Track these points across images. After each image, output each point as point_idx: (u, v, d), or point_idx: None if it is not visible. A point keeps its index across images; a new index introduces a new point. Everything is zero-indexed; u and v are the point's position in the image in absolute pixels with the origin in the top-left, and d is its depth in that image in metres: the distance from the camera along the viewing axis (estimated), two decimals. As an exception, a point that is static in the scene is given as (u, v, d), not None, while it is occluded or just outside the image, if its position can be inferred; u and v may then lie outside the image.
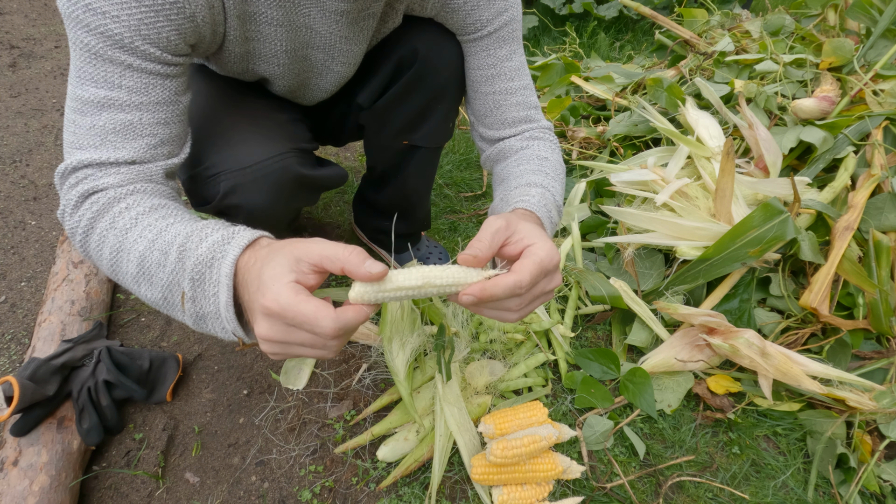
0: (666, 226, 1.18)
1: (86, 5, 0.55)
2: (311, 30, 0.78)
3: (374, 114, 0.99)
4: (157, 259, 0.57)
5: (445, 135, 1.05)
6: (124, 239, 0.58)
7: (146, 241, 0.57)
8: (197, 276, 0.55)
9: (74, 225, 0.60)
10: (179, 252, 0.56)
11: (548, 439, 0.88)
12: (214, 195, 0.79)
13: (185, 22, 0.62)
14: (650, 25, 2.76)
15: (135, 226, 0.59)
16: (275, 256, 0.51)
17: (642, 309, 1.18)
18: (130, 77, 0.60)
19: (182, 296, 0.56)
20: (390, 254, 1.37)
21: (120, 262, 0.59)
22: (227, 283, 0.53)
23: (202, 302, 0.55)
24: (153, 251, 0.57)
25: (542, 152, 0.85)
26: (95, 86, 0.60)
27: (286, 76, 0.85)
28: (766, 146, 1.23)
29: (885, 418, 1.00)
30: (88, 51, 0.58)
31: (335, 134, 1.15)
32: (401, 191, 1.16)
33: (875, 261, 1.11)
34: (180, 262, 0.56)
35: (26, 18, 2.52)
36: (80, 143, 0.61)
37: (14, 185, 1.57)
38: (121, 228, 0.59)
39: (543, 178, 0.79)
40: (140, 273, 0.58)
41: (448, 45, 0.89)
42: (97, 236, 0.60)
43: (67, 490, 0.86)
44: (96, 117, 0.60)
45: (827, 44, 1.39)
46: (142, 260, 0.57)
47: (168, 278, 0.57)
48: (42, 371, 0.91)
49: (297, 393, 1.08)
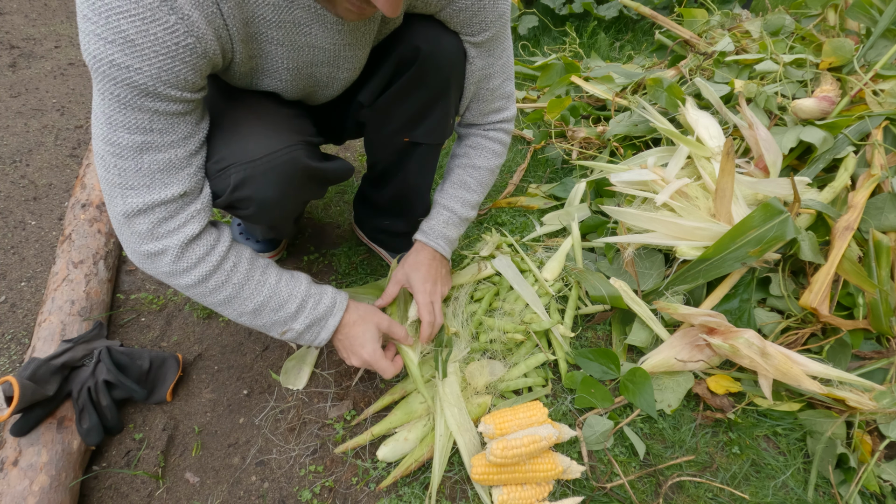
0: (666, 226, 1.18)
1: (110, 62, 0.60)
2: (314, 48, 0.79)
3: (374, 111, 0.99)
4: (274, 307, 0.85)
5: (446, 131, 1.05)
6: (240, 291, 0.82)
7: (263, 295, 0.84)
8: (311, 324, 0.89)
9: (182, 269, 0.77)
10: (297, 308, 0.87)
11: (548, 439, 0.88)
12: (225, 188, 0.80)
13: (199, 60, 0.66)
14: (650, 25, 2.76)
15: (248, 281, 0.83)
16: (368, 325, 0.93)
17: (642, 309, 1.18)
18: (158, 121, 0.68)
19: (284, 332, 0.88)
20: (390, 253, 1.37)
21: (232, 304, 0.83)
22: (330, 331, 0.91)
23: (306, 336, 0.90)
24: (270, 302, 0.85)
25: (478, 160, 1.07)
26: (129, 132, 0.67)
27: (291, 91, 0.87)
28: (766, 146, 1.22)
29: (885, 418, 1.00)
30: (118, 101, 0.64)
31: (336, 131, 1.16)
32: (401, 188, 1.16)
33: (875, 261, 1.11)
34: (296, 313, 0.87)
35: (26, 18, 2.52)
36: (131, 184, 0.70)
37: (14, 185, 1.57)
38: (236, 283, 0.82)
39: (462, 194, 1.08)
40: (254, 311, 0.85)
41: (449, 42, 0.90)
42: (213, 285, 0.80)
43: (67, 490, 0.86)
44: (138, 160, 0.69)
45: (827, 44, 1.39)
46: (259, 307, 0.84)
47: (278, 318, 0.86)
48: (42, 371, 0.91)
49: (297, 393, 1.08)
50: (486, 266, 1.31)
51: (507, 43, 0.97)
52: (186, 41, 0.62)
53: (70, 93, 2.03)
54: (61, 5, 2.70)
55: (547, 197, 1.64)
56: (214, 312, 1.23)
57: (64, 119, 1.88)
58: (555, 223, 1.50)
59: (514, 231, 1.51)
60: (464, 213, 1.09)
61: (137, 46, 0.59)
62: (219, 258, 0.80)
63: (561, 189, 1.61)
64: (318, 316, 0.89)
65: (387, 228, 1.30)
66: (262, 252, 1.34)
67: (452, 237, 1.10)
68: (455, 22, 0.88)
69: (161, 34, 0.60)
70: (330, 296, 0.92)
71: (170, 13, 0.59)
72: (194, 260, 0.77)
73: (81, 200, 1.35)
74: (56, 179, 1.61)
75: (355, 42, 0.83)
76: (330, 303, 0.91)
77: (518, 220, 1.55)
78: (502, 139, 1.08)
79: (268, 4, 0.69)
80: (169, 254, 0.75)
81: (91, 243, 1.24)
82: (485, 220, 1.54)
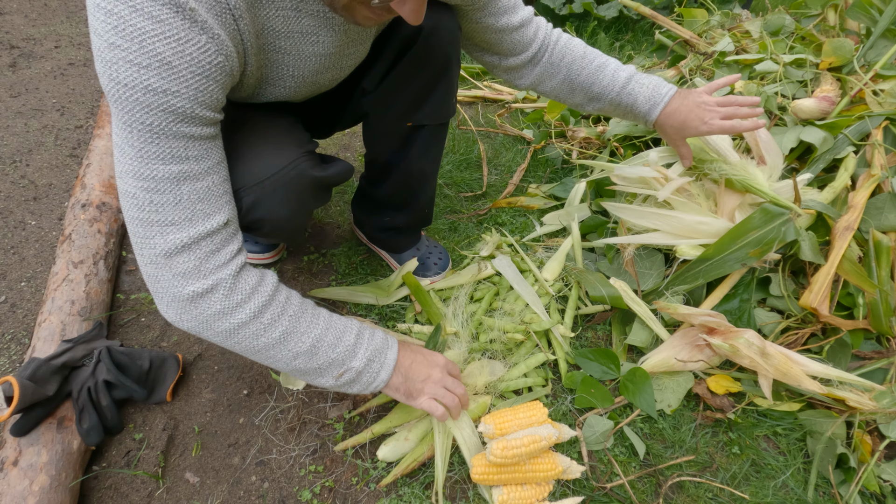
0: (667, 221, 1.17)
1: (145, 87, 0.57)
2: (320, 56, 0.79)
3: (377, 96, 0.99)
4: (332, 341, 0.79)
5: (450, 110, 1.06)
6: (297, 325, 0.76)
7: (320, 328, 0.78)
8: (371, 358, 0.82)
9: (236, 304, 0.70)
10: (356, 339, 0.81)
11: (548, 439, 0.88)
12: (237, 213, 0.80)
13: (227, 78, 0.65)
14: (650, 25, 2.76)
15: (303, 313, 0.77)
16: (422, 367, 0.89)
17: (642, 309, 1.18)
18: (194, 147, 0.64)
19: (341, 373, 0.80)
20: (390, 254, 1.36)
21: (289, 341, 0.75)
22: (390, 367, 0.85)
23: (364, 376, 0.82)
24: (328, 335, 0.78)
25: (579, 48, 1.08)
26: (164, 163, 0.62)
27: (294, 97, 0.87)
28: (766, 148, 1.22)
29: (885, 418, 1.00)
30: (150, 130, 0.60)
31: (327, 125, 1.16)
32: (404, 177, 1.15)
33: (875, 261, 1.11)
34: (355, 346, 0.81)
35: (26, 18, 2.52)
36: (171, 219, 0.65)
37: (14, 185, 1.57)
38: (292, 315, 0.76)
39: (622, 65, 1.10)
40: (311, 349, 0.77)
41: (448, 18, 0.91)
42: (268, 318, 0.73)
43: (67, 490, 0.86)
44: (177, 192, 0.64)
45: (827, 44, 1.39)
46: (316, 342, 0.77)
47: (336, 356, 0.79)
48: (42, 371, 0.91)
49: (297, 393, 1.08)
50: (486, 266, 1.31)
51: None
52: (218, 59, 0.61)
53: (70, 93, 2.03)
54: (61, 5, 2.70)
55: (547, 197, 1.64)
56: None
57: (64, 119, 1.88)
58: (555, 223, 1.50)
59: (514, 231, 1.51)
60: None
61: (175, 69, 0.57)
62: (272, 288, 0.74)
63: (561, 189, 1.61)
64: (376, 347, 0.83)
65: (387, 225, 1.29)
66: (262, 253, 1.34)
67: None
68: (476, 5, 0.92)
69: (196, 55, 0.58)
70: (381, 330, 0.89)
71: (200, 33, 0.58)
72: (248, 291, 0.71)
73: (81, 200, 1.35)
74: (56, 179, 1.61)
75: (359, 38, 0.83)
76: (383, 335, 0.87)
77: (518, 220, 1.55)
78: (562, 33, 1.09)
79: (277, 16, 0.69)
80: (221, 289, 0.68)
81: (91, 243, 1.24)
82: (485, 220, 1.55)
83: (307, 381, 0.83)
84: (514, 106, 2.11)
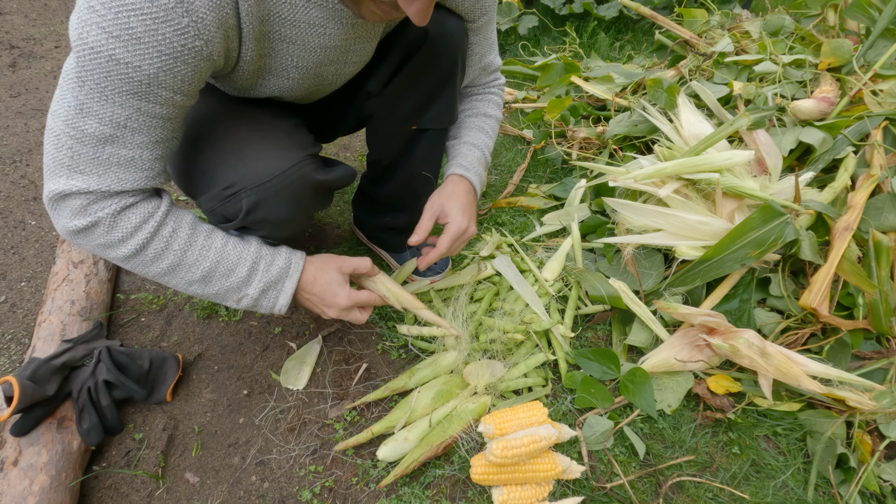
0: (668, 220, 1.17)
1: (109, 56, 0.58)
2: (325, 48, 0.79)
3: (383, 100, 1.00)
4: (223, 272, 0.80)
5: (453, 115, 1.07)
6: (183, 258, 0.77)
7: (210, 260, 0.79)
8: (266, 288, 0.85)
9: (117, 240, 0.72)
10: (249, 271, 0.82)
11: (548, 439, 0.88)
12: (237, 212, 0.80)
13: (202, 62, 0.64)
14: (650, 25, 2.76)
15: (190, 247, 0.78)
16: (330, 274, 0.89)
17: (642, 309, 1.18)
18: (136, 120, 0.65)
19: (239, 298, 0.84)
20: (390, 254, 1.36)
21: (177, 272, 0.78)
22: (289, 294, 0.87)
23: (264, 301, 0.86)
24: (219, 267, 0.80)
25: (488, 109, 1.12)
26: (99, 122, 0.64)
27: (295, 91, 0.86)
28: (766, 150, 1.22)
29: (885, 418, 1.00)
30: (101, 92, 0.61)
31: (331, 128, 1.15)
32: (406, 179, 1.15)
33: (875, 261, 1.11)
34: (248, 277, 0.82)
35: (26, 18, 2.52)
36: (82, 168, 0.67)
37: (14, 185, 1.57)
38: (177, 249, 0.77)
39: (483, 137, 1.09)
40: (203, 279, 0.80)
41: (454, 23, 0.92)
42: (152, 253, 0.75)
43: (67, 490, 0.85)
44: (99, 150, 0.66)
45: (826, 44, 1.39)
46: (208, 273, 0.79)
47: (230, 285, 0.82)
48: (42, 371, 0.91)
49: (297, 393, 1.08)
50: (486, 266, 1.31)
51: (494, 22, 1.03)
52: (195, 44, 0.61)
53: (70, 93, 2.03)
54: (61, 5, 2.70)
55: (547, 197, 1.64)
56: (215, 312, 1.23)
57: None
58: (555, 223, 1.50)
59: (514, 231, 1.51)
60: (487, 156, 1.10)
61: (143, 45, 0.58)
62: (156, 225, 0.74)
63: (561, 189, 1.61)
64: (272, 278, 0.85)
65: (387, 226, 1.29)
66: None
67: (483, 177, 1.09)
68: (463, 8, 0.92)
69: (170, 35, 0.59)
70: (284, 256, 0.86)
71: (184, 15, 0.58)
72: (129, 229, 0.72)
73: (81, 200, 1.35)
74: (56, 179, 1.61)
75: (366, 35, 0.83)
76: (284, 264, 0.86)
77: (518, 220, 1.55)
78: (501, 94, 1.15)
79: (285, 3, 0.69)
80: (101, 225, 0.71)
81: (91, 243, 1.24)
82: (485, 220, 1.55)
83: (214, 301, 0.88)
84: (514, 106, 2.11)
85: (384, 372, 1.14)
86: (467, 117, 1.11)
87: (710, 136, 1.22)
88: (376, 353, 1.17)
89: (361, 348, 1.18)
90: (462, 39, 0.95)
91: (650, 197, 1.29)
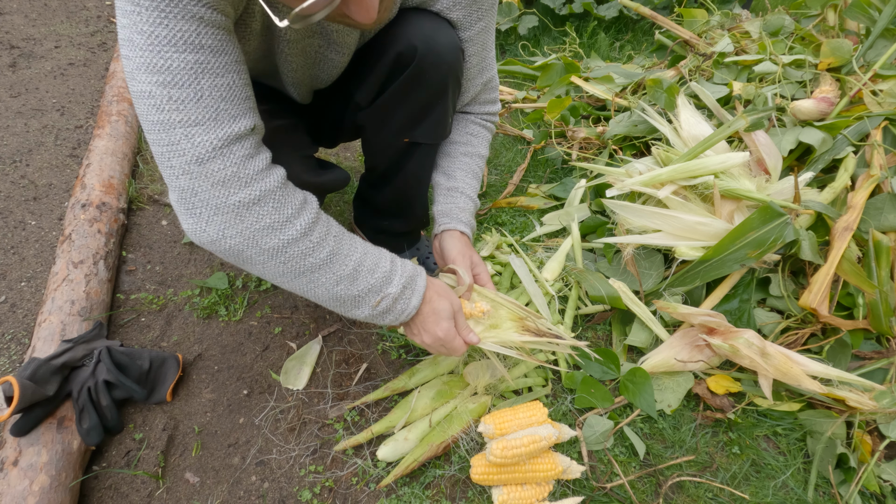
0: (667, 221, 1.17)
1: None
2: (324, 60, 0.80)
3: (373, 113, 0.99)
4: (370, 266, 0.75)
5: (446, 130, 1.05)
6: (340, 245, 0.72)
7: (359, 251, 0.75)
8: (406, 284, 0.78)
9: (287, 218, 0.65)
10: (391, 265, 0.78)
11: (548, 439, 0.88)
12: None
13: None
14: (650, 25, 2.76)
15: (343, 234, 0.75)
16: (448, 300, 0.83)
17: (641, 310, 1.18)
18: (208, 33, 0.58)
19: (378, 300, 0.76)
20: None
21: (333, 263, 0.72)
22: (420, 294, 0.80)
23: (399, 303, 0.78)
24: (366, 259, 0.75)
25: (482, 149, 1.10)
26: (178, 50, 0.56)
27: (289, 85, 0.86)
28: (765, 150, 1.22)
29: (885, 418, 1.00)
30: (159, 8, 0.55)
31: (330, 134, 1.15)
32: (401, 189, 1.16)
33: (875, 261, 1.11)
34: (390, 272, 0.77)
35: (26, 18, 2.52)
36: (195, 118, 0.58)
37: (14, 185, 1.57)
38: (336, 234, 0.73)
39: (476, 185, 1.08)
40: (352, 274, 0.73)
41: (446, 39, 0.88)
42: (317, 237, 0.70)
43: (67, 490, 0.85)
44: (197, 86, 0.57)
45: (826, 44, 1.39)
46: (357, 266, 0.74)
47: (375, 281, 0.75)
48: (42, 371, 0.91)
49: (297, 393, 1.08)
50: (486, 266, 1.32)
51: (494, 31, 0.99)
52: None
53: (70, 93, 2.03)
54: (61, 5, 2.70)
55: (547, 197, 1.64)
56: (214, 312, 1.23)
57: (64, 119, 1.88)
58: (555, 223, 1.50)
59: (514, 231, 1.51)
60: (476, 202, 1.10)
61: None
62: (317, 204, 0.69)
63: (561, 189, 1.61)
64: (409, 275, 0.78)
65: (386, 229, 1.30)
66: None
67: (474, 226, 1.10)
68: (455, 14, 0.87)
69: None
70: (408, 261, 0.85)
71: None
72: (297, 205, 0.65)
73: (81, 200, 1.35)
74: (56, 179, 1.61)
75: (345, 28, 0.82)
76: (411, 264, 0.83)
77: (518, 220, 1.55)
78: (493, 130, 1.14)
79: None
80: (270, 200, 0.62)
81: (91, 243, 1.24)
82: (485, 220, 1.55)
83: (342, 313, 0.78)
84: (513, 106, 2.11)
85: (384, 372, 1.14)
86: (461, 154, 1.08)
87: (707, 140, 1.22)
88: (376, 353, 1.17)
89: (361, 348, 1.18)
90: (455, 56, 0.90)
91: (650, 198, 1.29)
